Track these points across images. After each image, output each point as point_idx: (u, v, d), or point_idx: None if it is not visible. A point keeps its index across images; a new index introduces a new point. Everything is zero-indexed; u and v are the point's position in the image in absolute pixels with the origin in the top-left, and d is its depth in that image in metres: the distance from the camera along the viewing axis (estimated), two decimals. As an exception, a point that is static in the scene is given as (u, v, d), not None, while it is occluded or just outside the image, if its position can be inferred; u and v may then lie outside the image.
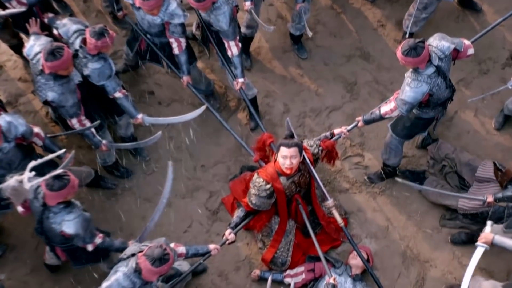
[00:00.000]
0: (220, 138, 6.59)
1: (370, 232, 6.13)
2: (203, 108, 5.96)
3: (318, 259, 5.72)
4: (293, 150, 5.15)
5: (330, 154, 5.80)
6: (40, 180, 4.69)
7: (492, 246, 5.03)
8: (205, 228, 6.17)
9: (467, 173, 6.06)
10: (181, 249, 5.09)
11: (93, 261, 5.34)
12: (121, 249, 5.02)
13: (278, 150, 5.22)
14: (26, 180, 4.65)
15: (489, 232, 5.11)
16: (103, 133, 5.94)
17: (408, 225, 6.15)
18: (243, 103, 6.65)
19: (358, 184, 6.37)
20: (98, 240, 5.05)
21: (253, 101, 6.49)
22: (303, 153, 5.35)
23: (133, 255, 4.69)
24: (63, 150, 5.21)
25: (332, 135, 5.80)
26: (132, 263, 4.60)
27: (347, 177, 6.41)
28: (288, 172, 5.28)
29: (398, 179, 5.58)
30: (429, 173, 6.32)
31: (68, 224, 4.79)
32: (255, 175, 5.43)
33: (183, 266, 5.50)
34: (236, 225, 5.49)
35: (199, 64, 6.84)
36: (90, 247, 5.02)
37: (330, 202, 5.48)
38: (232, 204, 6.22)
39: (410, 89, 5.27)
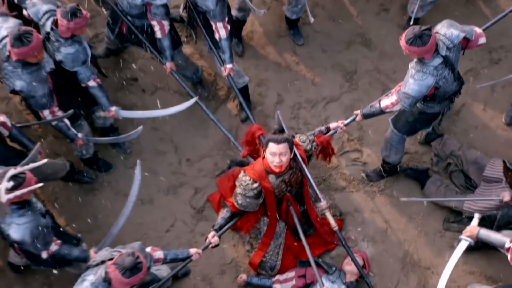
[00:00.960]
0: (208, 129, 6.11)
1: (368, 235, 5.66)
2: (188, 103, 5.46)
3: (310, 263, 5.28)
4: (283, 147, 4.67)
5: (325, 150, 5.32)
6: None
7: (477, 240, 4.79)
8: (189, 227, 5.71)
9: (474, 172, 5.58)
10: (159, 254, 4.63)
11: (52, 267, 4.87)
12: (81, 259, 4.58)
13: (266, 146, 4.73)
14: (2, 192, 4.19)
15: (475, 225, 4.69)
16: (79, 125, 5.45)
17: (408, 228, 5.68)
18: (234, 92, 6.15)
19: (355, 182, 5.89)
20: (54, 247, 4.58)
21: (244, 90, 6.00)
22: (294, 149, 4.88)
23: (103, 262, 4.24)
24: (37, 145, 4.78)
25: (328, 129, 5.32)
26: (101, 271, 4.13)
27: (343, 174, 5.93)
28: (277, 170, 4.81)
29: (403, 199, 5.23)
30: (432, 171, 5.84)
31: (16, 229, 4.32)
32: (241, 173, 4.96)
33: (162, 271, 5.04)
34: (221, 227, 5.02)
35: (187, 49, 6.34)
36: (44, 255, 4.55)
37: (323, 203, 5.01)
38: (219, 202, 5.75)
39: (414, 81, 4.77)
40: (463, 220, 5.57)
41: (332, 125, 5.32)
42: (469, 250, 5.39)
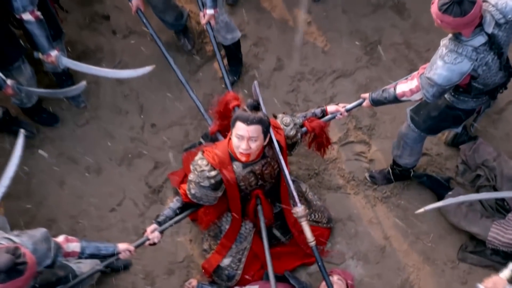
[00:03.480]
0: (184, 92, 4.89)
1: (359, 252, 4.43)
2: (142, 71, 4.25)
3: (280, 278, 4.15)
4: (254, 129, 3.47)
5: (317, 139, 4.11)
6: None
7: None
8: (139, 210, 4.57)
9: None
10: (74, 246, 3.55)
11: None
12: None
13: (233, 124, 3.55)
14: None
15: (504, 278, 3.41)
16: (17, 68, 4.32)
17: (413, 251, 4.42)
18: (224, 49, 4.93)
19: (355, 182, 4.64)
20: None
21: (233, 48, 4.79)
22: (272, 134, 3.68)
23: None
24: None
25: (324, 113, 4.09)
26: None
27: (342, 170, 4.69)
28: (243, 159, 3.63)
29: (420, 211, 3.91)
30: (455, 183, 4.56)
31: None
32: (199, 154, 3.79)
33: (85, 265, 3.94)
34: (166, 220, 3.88)
35: (173, -11, 5.12)
36: None
37: (299, 209, 3.80)
38: (180, 183, 4.59)
39: (444, 64, 3.47)
40: (485, 252, 4.31)
41: (331, 108, 4.08)
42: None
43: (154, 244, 3.84)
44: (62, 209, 4.51)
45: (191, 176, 3.80)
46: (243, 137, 3.50)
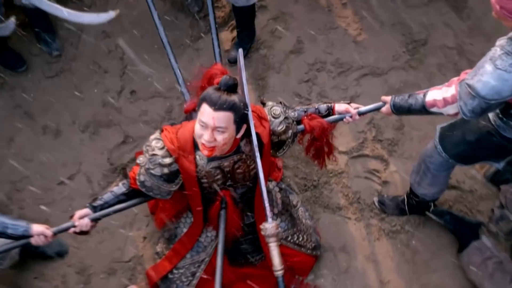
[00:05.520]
0: (178, 59, 4.07)
1: (346, 293, 3.52)
2: (103, 17, 3.44)
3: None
4: (223, 117, 2.60)
5: (316, 143, 3.19)
6: None
7: None
8: (92, 189, 3.75)
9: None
10: (-28, 220, 2.79)
11: None
12: None
13: (199, 106, 2.68)
14: None
15: None
16: None
17: (414, 306, 3.48)
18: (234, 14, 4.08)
19: (359, 205, 3.70)
20: None
21: (247, 14, 3.92)
22: (252, 125, 2.80)
23: None
24: None
25: (331, 111, 3.17)
26: None
27: (346, 187, 3.76)
28: (205, 152, 2.75)
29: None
30: (486, 231, 3.57)
31: None
32: (156, 133, 2.94)
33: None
34: (103, 206, 3.04)
35: None
36: None
37: (268, 226, 2.86)
38: (148, 166, 3.75)
39: (494, 70, 2.52)
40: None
41: (340, 106, 3.15)
42: None
43: (83, 233, 3.02)
44: (2, 171, 3.75)
45: (140, 159, 2.95)
46: (207, 126, 2.62)
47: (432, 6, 4.23)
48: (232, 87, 2.65)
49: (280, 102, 3.08)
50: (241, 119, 2.67)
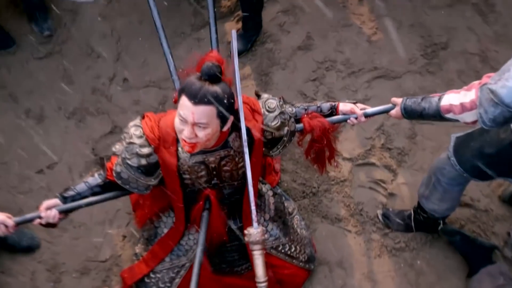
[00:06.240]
0: (176, 48, 3.82)
1: (339, 314, 3.18)
2: None
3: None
4: (203, 112, 2.28)
5: (316, 145, 2.87)
6: None
7: None
8: (73, 180, 3.43)
9: None
10: None
11: None
12: None
13: (178, 97, 2.38)
14: None
15: None
16: None
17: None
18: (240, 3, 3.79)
19: (361, 217, 3.36)
20: None
21: (254, 3, 3.63)
22: (242, 118, 2.49)
23: None
24: None
25: (334, 111, 2.85)
26: None
27: (348, 197, 3.42)
28: (186, 148, 2.44)
29: None
30: (501, 255, 3.21)
31: None
32: (136, 119, 2.64)
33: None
34: (75, 198, 2.74)
35: None
36: None
37: (253, 232, 2.54)
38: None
39: (521, 75, 2.21)
40: None
41: (344, 106, 2.82)
42: None
43: (50, 226, 2.72)
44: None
45: (117, 147, 2.67)
46: (186, 120, 2.32)
47: (456, 8, 3.90)
48: (215, 77, 2.33)
49: (281, 98, 2.78)
50: (226, 111, 2.36)
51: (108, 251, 3.32)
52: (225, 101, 2.31)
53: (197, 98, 2.27)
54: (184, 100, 2.29)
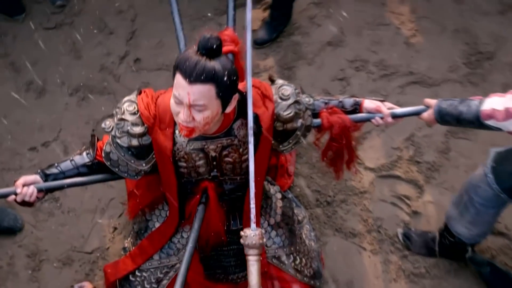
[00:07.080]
0: (195, 31, 3.54)
1: None
2: None
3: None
4: (200, 91, 1.95)
5: (334, 144, 2.51)
6: None
7: None
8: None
9: None
10: None
11: None
12: None
13: (173, 75, 2.06)
14: None
15: None
16: None
17: None
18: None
19: (379, 235, 2.99)
20: None
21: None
22: (249, 103, 2.15)
23: None
24: None
25: (358, 108, 2.50)
26: None
27: (367, 211, 3.05)
28: (183, 133, 2.12)
29: None
30: (535, 294, 2.81)
31: None
32: (132, 94, 2.33)
33: None
34: (58, 176, 2.44)
35: None
36: None
37: (250, 234, 2.17)
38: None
39: None
40: None
41: (370, 103, 2.46)
42: None
43: (25, 204, 2.42)
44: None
45: (107, 123, 2.36)
46: (181, 101, 2.01)
47: (508, 17, 3.53)
48: (214, 51, 1.99)
49: (298, 87, 2.44)
50: (225, 92, 2.03)
51: (95, 242, 3.01)
52: (225, 78, 1.98)
53: (193, 76, 1.94)
54: (179, 78, 1.98)
